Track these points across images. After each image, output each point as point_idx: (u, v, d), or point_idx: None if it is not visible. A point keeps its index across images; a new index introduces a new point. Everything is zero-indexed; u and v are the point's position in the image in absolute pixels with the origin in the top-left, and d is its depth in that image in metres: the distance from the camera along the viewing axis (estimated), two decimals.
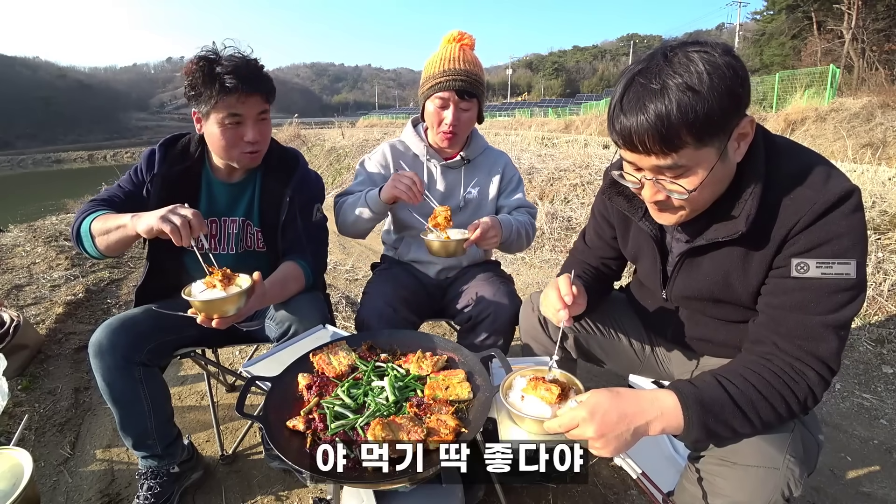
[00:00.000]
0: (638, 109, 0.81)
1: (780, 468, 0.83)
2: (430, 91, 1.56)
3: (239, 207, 1.49)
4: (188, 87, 1.31)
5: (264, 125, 1.39)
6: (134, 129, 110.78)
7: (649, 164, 0.86)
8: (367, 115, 53.61)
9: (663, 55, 0.82)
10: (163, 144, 1.45)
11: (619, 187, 1.10)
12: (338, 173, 10.24)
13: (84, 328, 2.71)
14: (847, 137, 7.72)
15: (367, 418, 0.96)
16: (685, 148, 0.81)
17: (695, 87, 0.77)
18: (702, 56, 0.79)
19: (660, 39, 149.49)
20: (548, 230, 4.56)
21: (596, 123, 15.20)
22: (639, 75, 0.83)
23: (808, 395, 0.84)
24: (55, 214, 6.09)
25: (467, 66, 1.54)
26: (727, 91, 0.78)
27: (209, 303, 1.10)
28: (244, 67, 1.29)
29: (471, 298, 1.55)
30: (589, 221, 1.35)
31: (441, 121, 1.57)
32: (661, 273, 1.11)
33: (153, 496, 1.41)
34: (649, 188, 0.90)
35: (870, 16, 16.21)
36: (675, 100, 0.78)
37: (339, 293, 3.23)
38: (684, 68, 0.79)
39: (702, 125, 0.78)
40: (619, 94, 0.85)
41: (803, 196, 0.85)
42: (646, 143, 0.81)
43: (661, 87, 0.79)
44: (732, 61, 0.80)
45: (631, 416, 0.82)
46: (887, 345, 2.44)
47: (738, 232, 0.89)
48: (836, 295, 0.84)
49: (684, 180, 0.85)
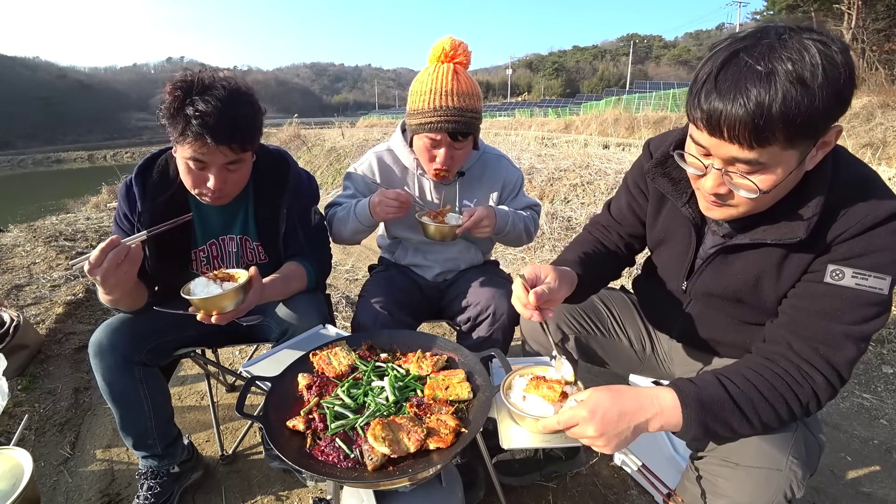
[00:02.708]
0: (736, 91, 0.72)
1: (782, 469, 0.83)
2: (419, 129, 1.45)
3: (234, 225, 1.45)
4: (160, 111, 1.18)
5: (233, 174, 1.27)
6: (134, 129, 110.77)
7: (726, 154, 0.78)
8: (367, 115, 53.67)
9: (777, 34, 0.73)
10: (137, 174, 1.33)
11: (665, 167, 1.04)
12: (338, 173, 10.24)
13: (84, 328, 2.71)
14: (847, 137, 7.72)
15: (367, 418, 0.96)
16: (773, 145, 0.74)
17: (806, 80, 0.70)
18: (819, 47, 0.71)
19: (660, 39, 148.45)
20: (548, 230, 4.56)
21: (596, 123, 15.18)
22: (744, 52, 0.73)
23: (812, 399, 0.84)
24: (55, 214, 6.09)
25: (461, 101, 1.40)
26: (836, 93, 0.71)
27: (207, 300, 1.11)
28: (216, 113, 1.13)
29: (470, 299, 1.55)
30: (619, 193, 1.25)
31: (433, 158, 1.48)
32: (689, 264, 1.07)
33: (153, 496, 1.41)
34: (714, 178, 0.83)
35: (870, 16, 16.18)
36: (781, 90, 0.70)
37: (339, 293, 3.23)
38: (798, 55, 0.70)
39: (800, 125, 0.72)
40: (716, 68, 0.75)
41: (857, 208, 0.83)
42: (734, 130, 0.74)
43: (769, 71, 0.70)
44: (849, 61, 0.72)
45: (631, 413, 0.82)
46: (887, 345, 2.44)
47: (796, 238, 0.85)
48: (865, 308, 0.83)
49: (757, 177, 0.79)
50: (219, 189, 1.25)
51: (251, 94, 1.25)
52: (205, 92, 1.16)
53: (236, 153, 1.22)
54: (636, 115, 15.46)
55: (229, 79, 1.22)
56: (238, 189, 1.35)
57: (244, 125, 1.20)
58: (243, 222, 1.45)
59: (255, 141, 1.29)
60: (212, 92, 1.16)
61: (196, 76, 1.18)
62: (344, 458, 0.88)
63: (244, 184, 1.36)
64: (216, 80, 1.19)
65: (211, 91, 1.16)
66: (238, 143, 1.20)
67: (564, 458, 1.55)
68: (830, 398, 0.85)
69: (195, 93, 1.15)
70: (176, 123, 1.15)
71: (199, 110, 1.13)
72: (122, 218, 1.33)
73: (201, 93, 1.15)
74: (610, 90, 45.13)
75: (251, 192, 1.43)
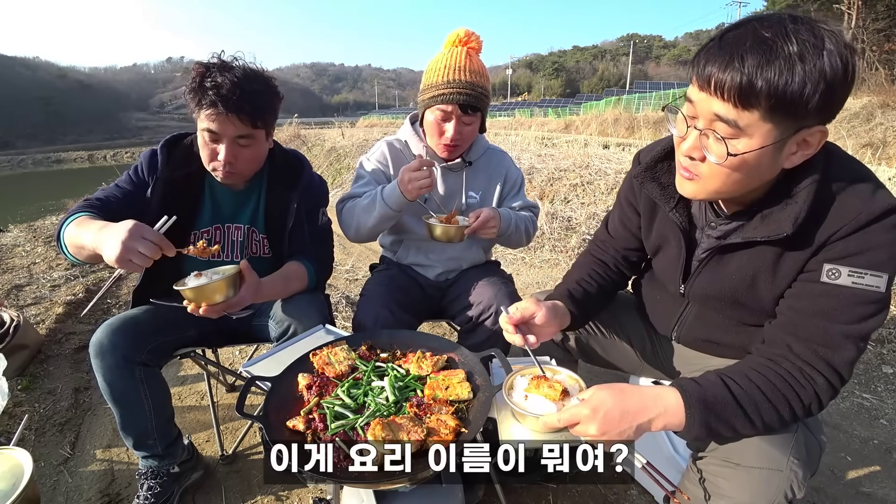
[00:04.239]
0: (735, 50, 0.75)
1: (783, 470, 0.83)
2: (431, 101, 1.50)
3: (244, 215, 1.48)
4: (186, 89, 1.29)
5: (244, 150, 1.33)
6: (134, 129, 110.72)
7: (709, 110, 0.80)
8: (367, 115, 53.63)
9: (791, 16, 0.76)
10: (164, 145, 1.41)
11: (654, 172, 1.07)
12: (338, 173, 10.23)
13: (84, 328, 2.71)
14: (847, 137, 7.72)
15: (367, 418, 0.96)
16: (754, 110, 0.76)
17: (805, 59, 0.72)
18: (829, 37, 0.73)
19: (660, 39, 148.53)
20: (548, 230, 4.56)
21: (596, 123, 15.18)
22: (756, 21, 0.77)
23: (814, 401, 0.83)
24: (55, 214, 6.10)
25: (474, 77, 1.47)
26: (829, 84, 0.72)
27: (197, 289, 1.13)
28: (231, 86, 1.24)
29: (471, 299, 1.55)
30: (613, 209, 1.30)
31: (442, 133, 1.52)
32: (682, 268, 1.08)
33: (153, 496, 1.41)
34: (692, 139, 0.85)
35: (870, 16, 16.19)
36: (777, 60, 0.72)
37: (339, 293, 3.23)
38: (806, 36, 0.73)
39: (784, 100, 0.73)
40: (725, 31, 0.79)
41: (850, 205, 0.83)
42: (723, 84, 0.76)
43: (772, 41, 0.73)
44: (852, 60, 0.74)
45: (633, 413, 0.82)
46: (887, 345, 2.44)
47: (782, 233, 0.85)
48: (863, 306, 0.83)
49: (732, 142, 0.80)
50: (229, 163, 1.31)
51: (269, 78, 1.35)
52: (224, 70, 1.27)
53: (246, 126, 1.28)
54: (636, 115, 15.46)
55: (249, 63, 1.33)
56: (250, 170, 1.39)
57: (256, 99, 1.28)
58: (253, 213, 1.48)
59: (267, 120, 1.35)
60: (231, 70, 1.27)
61: (218, 59, 1.30)
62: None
63: (256, 166, 1.41)
64: (236, 63, 1.31)
65: (230, 69, 1.27)
66: (248, 116, 1.27)
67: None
68: (831, 398, 0.85)
69: (215, 69, 1.26)
70: (195, 96, 1.26)
71: (217, 82, 1.24)
72: (135, 173, 1.39)
73: (220, 70, 1.26)
74: (610, 90, 45.13)
75: (264, 184, 1.48)
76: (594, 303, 1.23)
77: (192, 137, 1.44)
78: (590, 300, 1.21)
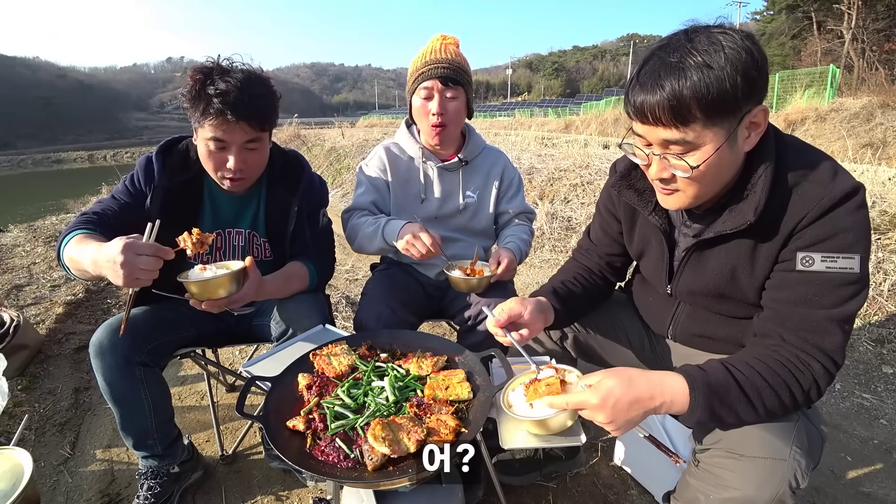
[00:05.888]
0: (653, 81, 0.83)
1: (787, 459, 0.84)
2: (414, 85, 1.56)
3: (244, 219, 1.47)
4: (183, 96, 1.26)
5: (253, 154, 1.32)
6: (134, 129, 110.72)
7: (658, 138, 0.87)
8: (367, 115, 53.58)
9: (685, 34, 0.85)
10: (159, 152, 1.38)
11: (630, 180, 1.11)
12: (338, 173, 10.23)
13: (84, 328, 2.71)
14: (847, 137, 7.72)
15: (367, 418, 0.96)
16: (694, 123, 0.82)
17: (711, 64, 0.79)
18: (723, 36, 0.81)
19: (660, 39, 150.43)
20: (548, 230, 4.56)
21: (596, 123, 15.18)
22: (659, 51, 0.85)
23: (813, 387, 0.85)
24: (55, 214, 6.08)
25: (449, 55, 1.54)
26: (743, 73, 0.79)
27: (202, 283, 1.13)
28: (236, 91, 1.21)
29: (470, 299, 1.55)
30: (594, 218, 1.34)
31: (428, 112, 1.54)
32: (667, 268, 1.12)
33: (153, 496, 1.41)
34: (656, 164, 0.91)
35: (870, 16, 16.20)
36: (690, 75, 0.80)
37: (339, 293, 3.23)
38: (704, 46, 0.81)
39: (713, 102, 0.80)
40: (638, 67, 0.87)
41: (811, 191, 0.86)
42: (656, 113, 0.83)
43: (679, 61, 0.81)
44: (751, 46, 0.81)
45: (643, 401, 0.84)
46: (887, 345, 2.44)
47: (746, 222, 0.90)
48: (841, 289, 0.86)
49: (689, 157, 0.86)
50: (239, 169, 1.30)
51: (266, 78, 1.34)
52: (224, 74, 1.24)
53: (255, 130, 1.28)
54: None
55: (245, 65, 1.31)
56: (257, 172, 1.39)
57: (262, 103, 1.28)
58: (253, 217, 1.48)
59: (272, 121, 1.34)
60: (231, 74, 1.25)
61: (215, 63, 1.27)
62: (344, 458, 0.88)
63: (262, 168, 1.40)
64: (233, 66, 1.29)
65: (230, 73, 1.25)
66: (257, 120, 1.26)
67: (564, 457, 1.55)
68: (829, 384, 0.87)
69: (215, 75, 1.23)
70: (198, 104, 1.22)
71: (220, 89, 1.21)
72: (131, 183, 1.36)
73: (221, 74, 1.24)
74: (610, 90, 45.14)
75: (264, 188, 1.47)
76: (579, 302, 1.25)
77: (186, 142, 1.41)
78: (574, 299, 1.24)
